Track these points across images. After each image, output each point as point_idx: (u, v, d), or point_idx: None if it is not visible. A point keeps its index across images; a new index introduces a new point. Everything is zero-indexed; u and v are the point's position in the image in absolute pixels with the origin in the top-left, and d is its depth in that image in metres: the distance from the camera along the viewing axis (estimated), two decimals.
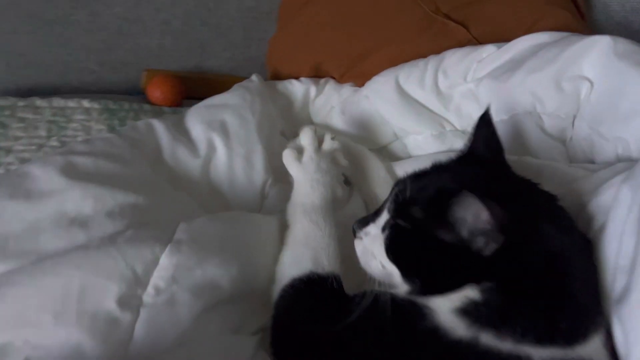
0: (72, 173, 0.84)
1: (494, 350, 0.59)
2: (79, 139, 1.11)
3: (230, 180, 0.99)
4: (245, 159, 1.00)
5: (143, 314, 0.69)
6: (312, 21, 1.21)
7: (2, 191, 0.80)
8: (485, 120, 0.79)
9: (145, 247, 0.74)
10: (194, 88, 1.32)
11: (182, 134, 1.03)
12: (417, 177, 0.72)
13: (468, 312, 0.62)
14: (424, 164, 0.98)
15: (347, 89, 1.18)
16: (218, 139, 1.00)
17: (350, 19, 1.19)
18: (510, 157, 0.78)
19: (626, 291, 0.61)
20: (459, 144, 1.05)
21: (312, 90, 1.19)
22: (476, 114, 1.02)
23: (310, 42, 1.21)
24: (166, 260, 0.74)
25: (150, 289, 0.71)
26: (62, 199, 0.79)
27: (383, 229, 0.70)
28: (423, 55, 1.10)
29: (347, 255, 0.81)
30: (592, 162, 0.90)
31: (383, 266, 0.69)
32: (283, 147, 0.95)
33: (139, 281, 0.71)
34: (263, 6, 1.36)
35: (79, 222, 0.78)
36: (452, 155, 0.80)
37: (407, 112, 1.07)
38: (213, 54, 1.37)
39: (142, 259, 0.73)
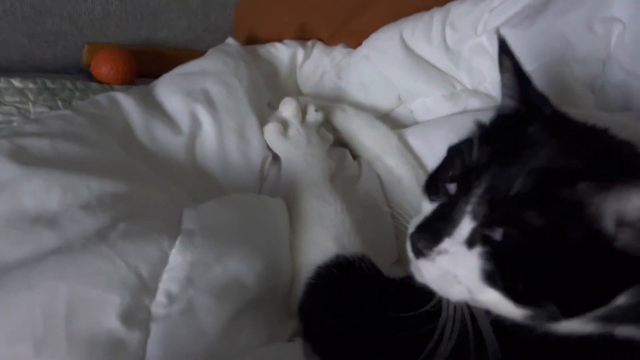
0: (24, 159, 0.66)
1: (631, 339, 0.49)
2: (15, 124, 0.89)
3: (222, 160, 0.83)
4: (238, 133, 0.84)
5: (155, 329, 0.54)
6: None
7: None
8: (512, 61, 0.62)
9: (149, 242, 0.57)
10: (145, 65, 1.13)
11: (154, 108, 0.84)
12: (497, 160, 0.52)
13: (605, 317, 0.49)
14: (443, 129, 0.88)
15: (339, 51, 1.03)
16: (203, 111, 0.83)
17: None
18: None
19: None
20: (473, 104, 0.95)
21: (300, 53, 1.04)
22: (488, 71, 0.94)
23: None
24: (178, 258, 0.57)
25: (160, 297, 0.55)
26: (16, 192, 0.61)
27: (470, 243, 0.51)
28: (426, 7, 0.98)
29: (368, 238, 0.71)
30: (629, 109, 0.83)
31: (471, 292, 0.51)
32: None
33: (146, 287, 0.55)
34: None
35: (46, 220, 0.60)
36: (487, 115, 0.63)
37: (416, 72, 0.94)
38: (167, 23, 1.18)
39: (147, 257, 0.56)
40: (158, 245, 0.57)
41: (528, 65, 0.87)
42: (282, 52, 1.03)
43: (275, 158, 0.85)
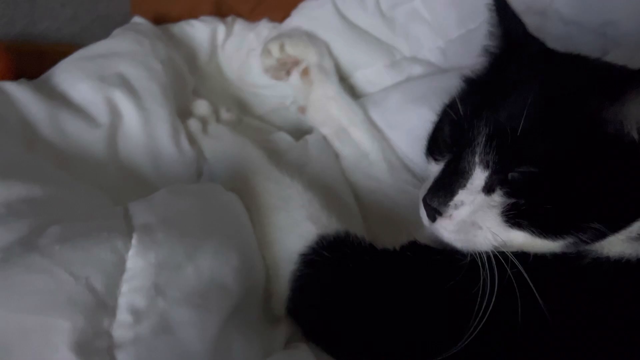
0: None
1: None
2: None
3: (152, 154, 0.69)
4: (169, 121, 0.70)
5: (124, 359, 0.39)
6: None
7: None
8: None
9: (98, 244, 0.43)
10: (20, 64, 0.93)
11: (57, 98, 0.68)
12: (490, 105, 0.51)
13: None
14: (396, 97, 0.83)
15: (264, 26, 0.92)
16: (123, 98, 0.69)
17: None
18: None
19: None
20: (416, 71, 0.90)
21: (221, 30, 0.91)
22: (425, 38, 0.90)
23: None
24: (139, 261, 0.44)
25: (123, 315, 0.42)
26: None
27: (488, 190, 0.49)
28: None
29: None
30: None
31: (497, 237, 0.49)
32: None
33: (103, 304, 0.41)
34: None
35: None
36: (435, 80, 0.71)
37: (354, 41, 0.87)
38: (47, 12, 0.98)
39: (99, 264, 0.42)
40: (110, 247, 0.43)
41: (472, 22, 0.85)
42: (199, 29, 0.90)
43: None
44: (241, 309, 0.49)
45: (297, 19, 0.89)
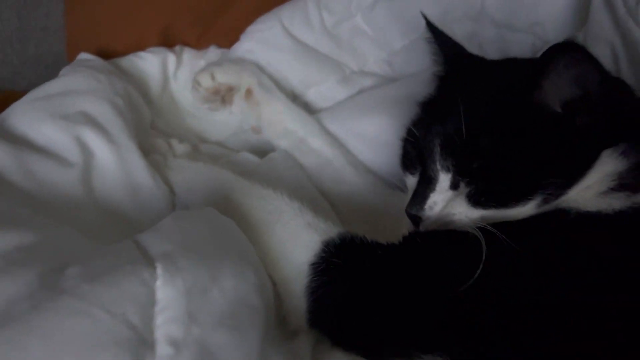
0: None
1: None
2: None
3: (130, 189, 0.67)
4: (141, 155, 0.69)
5: None
6: None
7: None
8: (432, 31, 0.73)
9: (127, 277, 0.42)
10: None
11: (18, 142, 0.64)
12: (437, 120, 0.61)
13: (620, 186, 0.54)
14: (352, 110, 0.86)
15: (213, 52, 0.92)
16: (92, 136, 0.67)
17: None
18: None
19: None
20: (366, 83, 0.94)
21: (171, 60, 0.90)
22: (370, 51, 0.96)
23: (149, 1, 0.90)
24: (168, 290, 0.43)
25: (163, 348, 0.40)
26: None
27: (454, 187, 0.59)
28: None
29: None
30: None
31: (469, 217, 0.58)
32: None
33: (143, 339, 0.39)
34: None
35: None
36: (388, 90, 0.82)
37: (305, 60, 0.89)
38: None
39: (132, 297, 0.41)
40: (138, 279, 0.42)
41: (414, 31, 0.91)
42: (149, 61, 0.89)
43: None
44: (269, 327, 0.49)
45: (248, 44, 0.90)
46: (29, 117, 0.67)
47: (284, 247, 0.59)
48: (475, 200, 0.57)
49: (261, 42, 0.90)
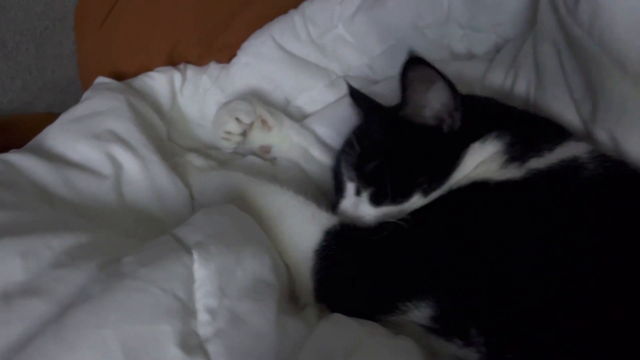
0: None
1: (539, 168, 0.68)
2: None
3: (156, 194, 0.79)
4: (163, 165, 0.80)
5: (214, 349, 0.50)
6: (150, 4, 1.00)
7: None
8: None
9: (172, 261, 0.53)
10: None
11: (59, 160, 0.75)
12: (345, 151, 0.79)
13: (511, 159, 0.69)
14: (339, 112, 0.97)
15: (214, 67, 1.03)
16: (120, 151, 0.79)
17: None
18: None
19: (594, 110, 0.74)
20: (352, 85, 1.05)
21: (177, 77, 1.01)
22: (353, 58, 1.07)
23: (154, 27, 1.01)
24: (202, 271, 0.54)
25: (203, 315, 0.52)
26: None
27: (357, 193, 0.76)
28: (282, 11, 1.05)
29: None
30: (474, 56, 1.01)
31: (373, 215, 0.73)
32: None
33: (187, 309, 0.51)
34: (54, 12, 1.06)
35: (18, 292, 0.51)
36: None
37: (297, 68, 1.01)
38: (0, 86, 1.03)
39: (178, 277, 0.52)
40: (181, 263, 0.53)
41: (390, 38, 1.02)
42: (158, 80, 0.99)
43: None
44: (283, 300, 0.61)
45: (244, 58, 1.02)
46: (64, 138, 0.78)
47: (292, 237, 0.69)
48: (373, 200, 0.73)
49: (256, 55, 1.02)
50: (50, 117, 1.06)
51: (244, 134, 0.93)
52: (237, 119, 0.91)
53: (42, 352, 0.44)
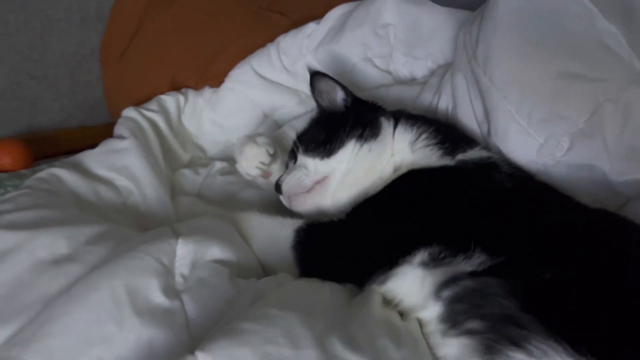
0: (19, 227, 0.82)
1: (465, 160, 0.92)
2: None
3: (149, 208, 1.05)
4: (160, 192, 1.07)
5: (186, 298, 0.74)
6: (156, 42, 1.31)
7: None
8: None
9: (163, 242, 0.78)
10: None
11: (92, 177, 1.03)
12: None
13: (444, 153, 0.92)
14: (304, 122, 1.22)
15: (207, 91, 1.31)
16: (129, 183, 1.05)
17: (191, 30, 1.32)
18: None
19: (489, 130, 0.98)
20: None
21: (181, 99, 1.29)
22: None
23: (160, 59, 1.30)
24: (183, 250, 0.79)
25: (178, 278, 0.76)
26: (28, 251, 0.79)
27: (296, 151, 0.99)
28: (261, 45, 1.31)
29: None
30: (415, 79, 1.25)
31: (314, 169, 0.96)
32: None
33: (169, 272, 0.76)
34: (84, 49, 1.36)
35: (64, 259, 0.79)
36: None
37: (271, 91, 1.27)
38: (43, 108, 1.32)
39: (164, 251, 0.77)
40: (168, 243, 0.78)
41: (347, 65, 1.27)
42: (168, 101, 1.27)
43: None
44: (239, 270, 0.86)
45: (230, 84, 1.29)
46: (97, 165, 1.05)
47: (272, 243, 0.89)
48: (308, 149, 0.96)
49: (239, 82, 1.29)
50: (82, 130, 1.36)
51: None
52: (266, 150, 1.09)
53: (77, 292, 0.71)
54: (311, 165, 0.95)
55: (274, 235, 0.91)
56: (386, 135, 0.95)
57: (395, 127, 0.97)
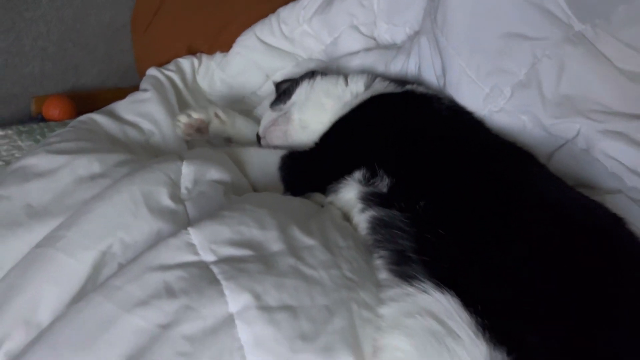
0: (65, 152, 1.06)
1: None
2: (17, 155, 1.26)
3: (165, 142, 1.29)
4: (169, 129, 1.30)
5: (188, 204, 0.96)
6: (175, 16, 1.56)
7: (15, 180, 0.98)
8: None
9: (172, 162, 1.01)
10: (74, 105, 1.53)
11: (122, 121, 1.28)
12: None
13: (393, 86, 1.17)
14: None
15: (218, 55, 1.54)
16: (151, 126, 1.29)
17: (205, 5, 1.56)
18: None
19: (446, 82, 1.17)
20: (311, 65, 1.51)
21: (195, 61, 1.53)
22: (314, 46, 1.52)
23: (179, 31, 1.55)
24: (187, 169, 1.01)
25: (183, 190, 0.98)
26: (71, 169, 1.01)
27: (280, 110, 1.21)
28: (265, 16, 1.53)
29: None
30: (395, 44, 1.44)
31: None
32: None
33: (175, 185, 0.98)
34: (118, 22, 1.61)
35: (98, 176, 1.00)
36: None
37: (272, 54, 1.49)
38: (84, 71, 1.58)
39: (172, 169, 0.99)
40: (176, 164, 1.00)
41: (334, 33, 1.47)
42: (184, 63, 1.51)
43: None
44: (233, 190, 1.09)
45: (237, 48, 1.52)
46: (125, 111, 1.28)
47: (264, 167, 1.10)
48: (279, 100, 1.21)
49: (244, 47, 1.51)
50: (117, 91, 1.61)
51: (194, 129, 1.28)
52: (188, 114, 1.28)
53: (105, 194, 0.93)
54: (277, 108, 1.20)
55: (265, 161, 1.11)
56: (338, 77, 1.18)
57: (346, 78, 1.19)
